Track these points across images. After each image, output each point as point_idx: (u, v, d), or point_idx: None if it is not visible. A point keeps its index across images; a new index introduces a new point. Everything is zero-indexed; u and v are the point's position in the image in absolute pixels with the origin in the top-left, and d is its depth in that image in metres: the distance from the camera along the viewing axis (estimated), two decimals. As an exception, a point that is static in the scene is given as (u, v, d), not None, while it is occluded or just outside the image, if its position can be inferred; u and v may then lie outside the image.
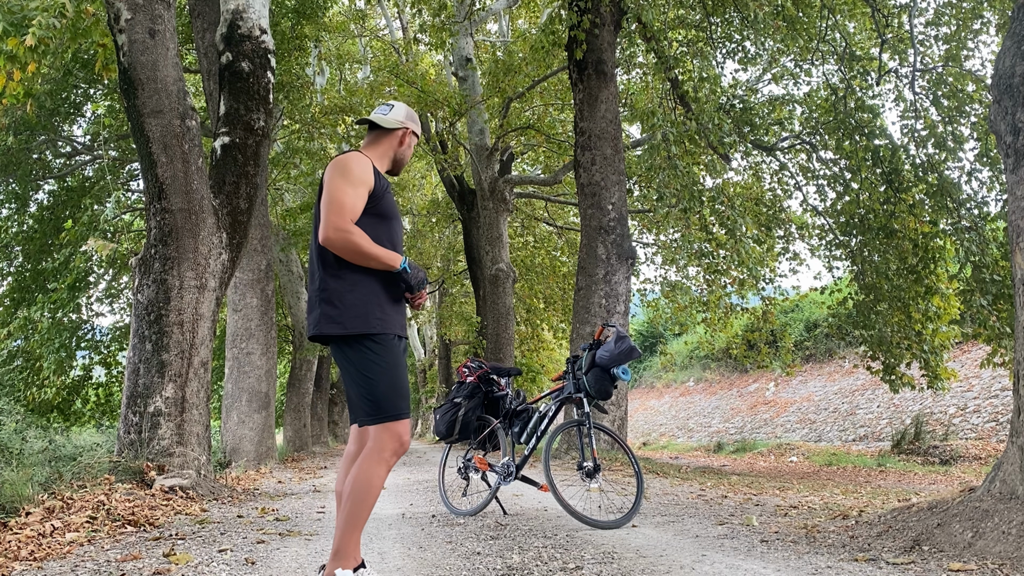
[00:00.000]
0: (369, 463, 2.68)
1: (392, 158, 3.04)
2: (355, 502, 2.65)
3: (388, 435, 2.71)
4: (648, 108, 10.79)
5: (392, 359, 2.78)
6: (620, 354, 4.65)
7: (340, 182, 2.82)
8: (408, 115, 3.06)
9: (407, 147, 3.04)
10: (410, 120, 3.05)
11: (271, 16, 10.42)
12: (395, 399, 2.75)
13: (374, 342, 2.76)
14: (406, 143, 3.04)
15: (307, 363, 16.91)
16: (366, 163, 2.87)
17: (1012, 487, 3.51)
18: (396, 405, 2.74)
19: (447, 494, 5.32)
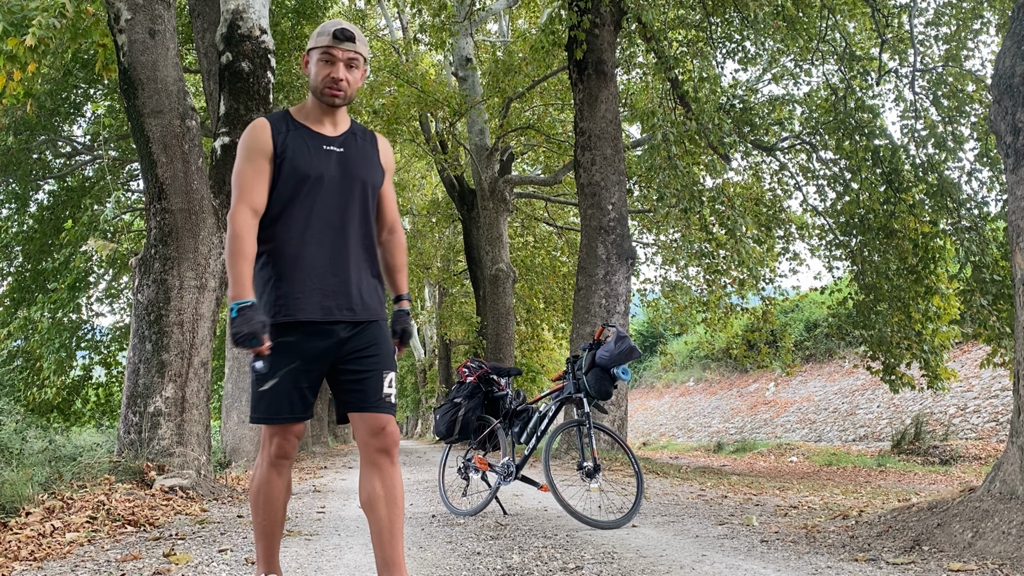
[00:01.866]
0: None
1: (312, 90, 2.45)
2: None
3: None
4: (648, 108, 10.79)
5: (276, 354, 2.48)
6: (620, 354, 4.65)
7: (236, 161, 2.43)
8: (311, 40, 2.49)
9: (310, 68, 2.44)
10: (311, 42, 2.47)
11: (271, 16, 10.42)
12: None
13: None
14: (307, 68, 2.47)
15: (307, 363, 16.90)
16: (253, 128, 2.42)
17: (1012, 487, 3.51)
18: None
19: (447, 494, 5.32)
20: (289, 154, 2.39)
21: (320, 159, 2.41)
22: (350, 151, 2.46)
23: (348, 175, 2.43)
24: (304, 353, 2.35)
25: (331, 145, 2.44)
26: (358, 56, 2.42)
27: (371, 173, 2.48)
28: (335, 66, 2.40)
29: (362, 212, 2.44)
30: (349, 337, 2.39)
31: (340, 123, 2.50)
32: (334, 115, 2.48)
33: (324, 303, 2.36)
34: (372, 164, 2.49)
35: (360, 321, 2.40)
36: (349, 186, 2.42)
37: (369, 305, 2.43)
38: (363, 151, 2.50)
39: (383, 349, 2.43)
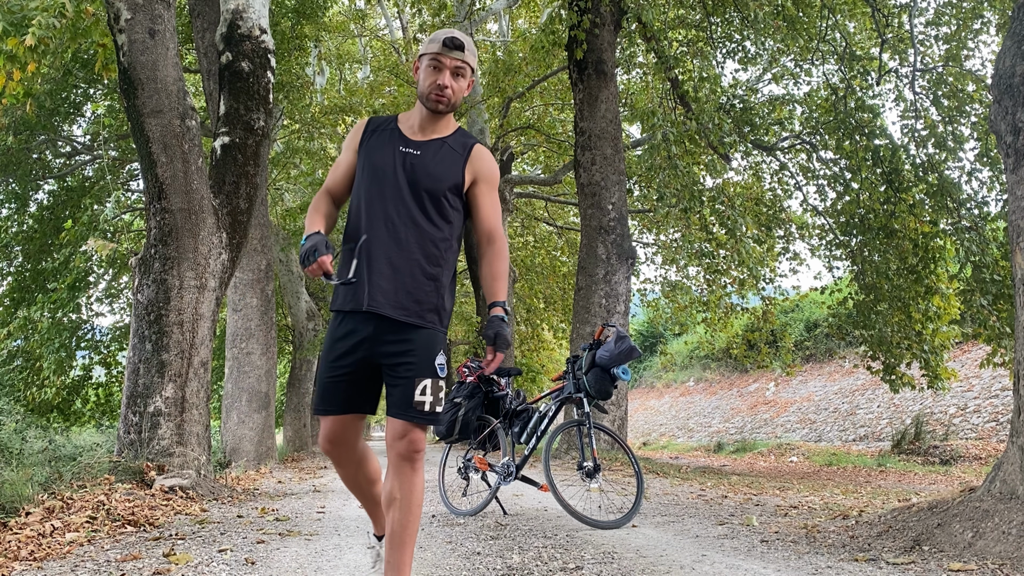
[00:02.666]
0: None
1: (419, 95, 2.53)
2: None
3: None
4: (648, 108, 10.79)
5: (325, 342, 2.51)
6: (620, 354, 4.65)
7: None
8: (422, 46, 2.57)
9: (419, 74, 2.51)
10: (422, 48, 2.55)
11: (271, 16, 10.41)
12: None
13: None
14: (417, 73, 2.54)
15: (307, 363, 16.91)
16: (355, 127, 2.62)
17: (1012, 487, 3.51)
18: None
19: (447, 494, 5.32)
20: (365, 150, 2.52)
21: (390, 158, 2.47)
22: (426, 156, 2.48)
23: (413, 179, 2.45)
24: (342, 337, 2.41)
25: (409, 147, 2.49)
26: (465, 65, 2.47)
27: (440, 178, 2.46)
28: (442, 73, 2.45)
29: (426, 214, 2.44)
30: (387, 336, 2.38)
31: (438, 130, 2.54)
32: (434, 122, 2.52)
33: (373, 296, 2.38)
34: (445, 172, 2.47)
35: (399, 322, 2.39)
36: (411, 189, 2.45)
37: (413, 309, 2.40)
38: (443, 158, 2.50)
39: (420, 356, 2.38)
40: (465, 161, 2.52)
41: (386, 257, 2.40)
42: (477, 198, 2.54)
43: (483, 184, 2.54)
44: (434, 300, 2.45)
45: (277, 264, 15.52)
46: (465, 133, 2.59)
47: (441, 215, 2.47)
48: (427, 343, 2.40)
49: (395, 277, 2.39)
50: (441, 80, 2.44)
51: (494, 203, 2.57)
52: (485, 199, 2.54)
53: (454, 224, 2.50)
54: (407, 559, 2.34)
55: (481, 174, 2.53)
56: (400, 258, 2.40)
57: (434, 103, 2.46)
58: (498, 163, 16.03)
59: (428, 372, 2.37)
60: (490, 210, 2.54)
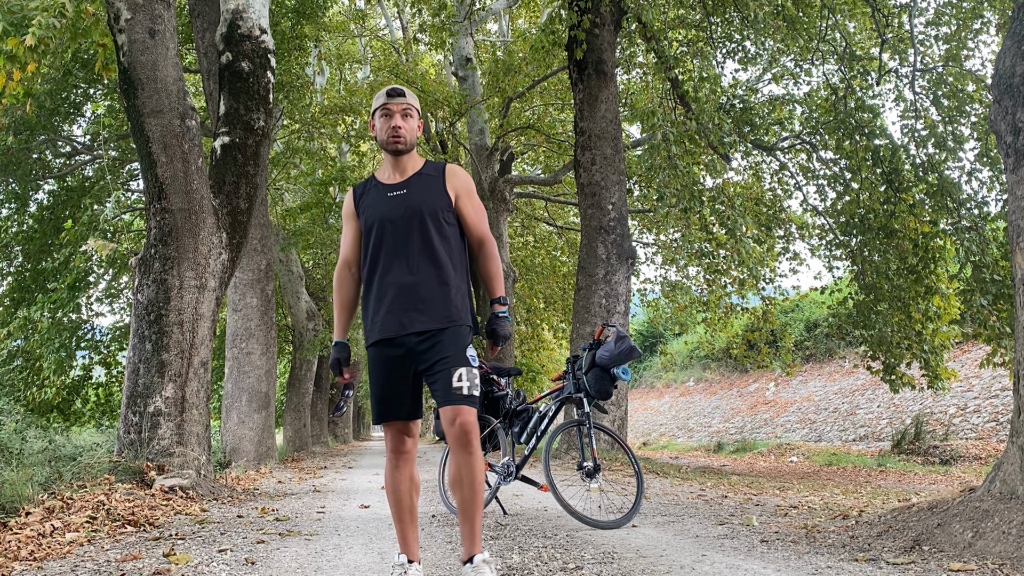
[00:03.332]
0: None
1: (381, 145, 2.93)
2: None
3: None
4: (648, 108, 10.79)
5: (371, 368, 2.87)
6: (620, 354, 4.65)
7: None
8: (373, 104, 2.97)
9: (376, 128, 2.93)
10: (372, 107, 2.96)
11: (271, 16, 10.41)
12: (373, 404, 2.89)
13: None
14: (373, 130, 2.96)
15: (307, 363, 16.91)
16: (346, 199, 3.02)
17: (1012, 487, 3.51)
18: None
19: (447, 494, 5.31)
20: (363, 209, 2.93)
21: (385, 206, 2.87)
22: (413, 190, 2.88)
23: (411, 210, 2.83)
24: (385, 362, 2.80)
25: (396, 191, 2.89)
26: (410, 107, 2.90)
27: (432, 203, 2.85)
28: (393, 117, 2.87)
29: (428, 237, 2.82)
30: (421, 344, 2.76)
31: (409, 169, 2.93)
32: (403, 163, 2.93)
33: (399, 320, 2.77)
34: (435, 194, 2.87)
35: (429, 330, 2.76)
36: (413, 219, 2.83)
37: (437, 315, 2.78)
38: (427, 186, 2.90)
39: (451, 349, 2.74)
40: (444, 181, 2.91)
41: (401, 285, 2.80)
42: (461, 210, 2.93)
43: (463, 196, 2.93)
44: (452, 302, 2.80)
45: (277, 264, 15.52)
46: (433, 162, 2.99)
47: (441, 233, 2.84)
48: (455, 338, 2.77)
49: (414, 298, 2.78)
50: (394, 122, 2.86)
51: (476, 209, 2.95)
52: (468, 208, 2.93)
53: (453, 236, 2.88)
54: (478, 528, 2.72)
55: (459, 188, 2.93)
56: (414, 280, 2.79)
57: (393, 144, 2.88)
58: (498, 163, 16.08)
59: (462, 362, 2.73)
60: (474, 217, 2.94)
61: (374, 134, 2.95)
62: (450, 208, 2.89)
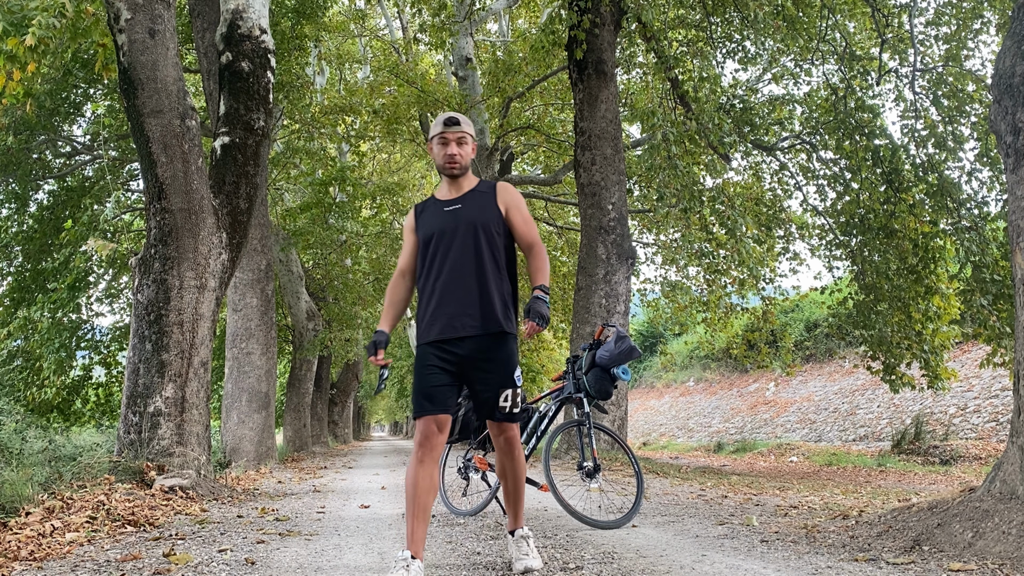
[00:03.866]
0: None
1: (438, 169, 3.29)
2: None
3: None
4: (648, 108, 10.79)
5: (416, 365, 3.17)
6: (620, 354, 4.65)
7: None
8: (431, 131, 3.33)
9: (433, 153, 3.27)
10: (430, 133, 3.31)
11: (271, 16, 10.42)
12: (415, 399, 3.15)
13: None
14: (432, 154, 3.29)
15: (307, 363, 16.91)
16: (408, 215, 3.39)
17: (1012, 487, 3.51)
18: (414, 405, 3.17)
19: (447, 494, 5.32)
20: (421, 223, 3.27)
21: (441, 219, 3.20)
22: (467, 206, 3.21)
23: (466, 224, 3.16)
24: (433, 361, 3.07)
25: (451, 206, 3.22)
26: (465, 135, 3.23)
27: (485, 217, 3.18)
28: (449, 145, 3.21)
29: (479, 247, 3.14)
30: (470, 350, 3.07)
31: (464, 187, 3.28)
32: (458, 183, 3.27)
33: (450, 324, 3.08)
34: (487, 209, 3.21)
35: (481, 334, 3.07)
36: (468, 231, 3.15)
37: (485, 321, 3.08)
38: (479, 202, 3.23)
39: (501, 370, 3.09)
40: (495, 197, 3.26)
41: (453, 292, 3.10)
42: (512, 221, 3.25)
43: (513, 209, 3.26)
44: (499, 310, 3.11)
45: (277, 264, 15.52)
46: (486, 180, 3.33)
47: (491, 244, 3.17)
48: (506, 357, 3.11)
49: (471, 304, 3.09)
50: (450, 150, 3.20)
51: (525, 220, 3.27)
52: (518, 219, 3.26)
53: (502, 248, 3.21)
54: (521, 509, 3.31)
55: (509, 202, 3.26)
56: (465, 287, 3.10)
57: (449, 169, 3.22)
58: (498, 163, 16.09)
59: (509, 384, 3.10)
60: (524, 227, 3.25)
61: (432, 157, 3.27)
62: (500, 221, 3.21)
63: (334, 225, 15.03)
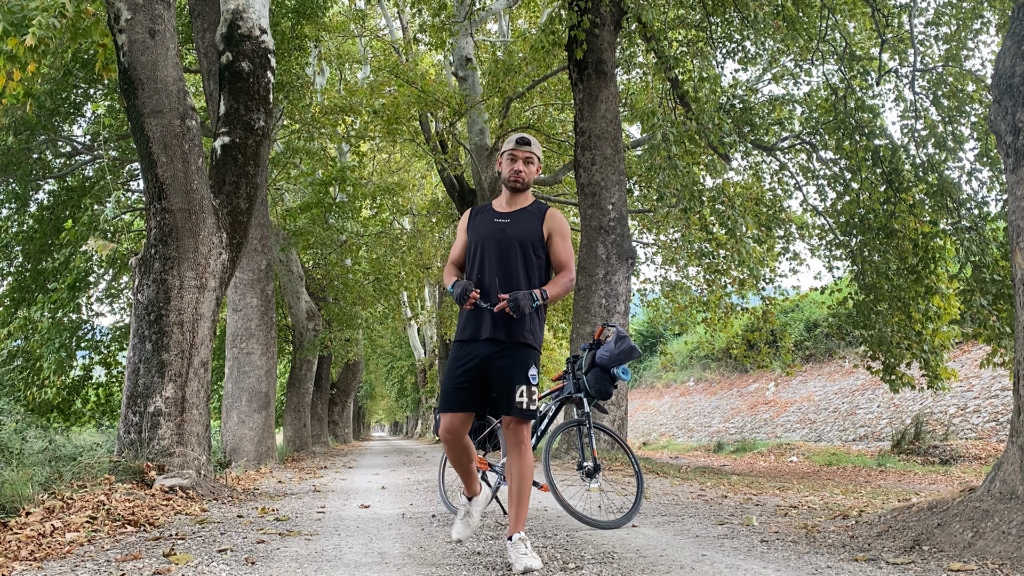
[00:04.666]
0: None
1: (503, 180, 3.60)
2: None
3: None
4: (648, 108, 10.79)
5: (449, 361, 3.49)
6: (620, 354, 4.65)
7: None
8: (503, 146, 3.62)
9: (502, 166, 3.57)
10: (503, 148, 3.62)
11: (271, 16, 10.41)
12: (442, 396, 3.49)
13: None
14: (500, 166, 3.60)
15: (307, 363, 16.90)
16: (464, 216, 3.70)
17: (1012, 487, 3.51)
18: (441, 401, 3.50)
19: (447, 494, 5.32)
20: (472, 228, 3.58)
21: (490, 228, 3.51)
22: (515, 222, 3.51)
23: (509, 237, 3.47)
24: (462, 358, 3.40)
25: (501, 218, 3.53)
26: (532, 155, 3.53)
27: (527, 236, 3.47)
28: (517, 162, 3.52)
29: (516, 262, 3.43)
30: (493, 353, 3.35)
31: (519, 203, 3.57)
32: (516, 198, 3.57)
33: (479, 326, 3.38)
34: (531, 230, 3.49)
35: (503, 341, 3.34)
36: (509, 245, 3.45)
37: (509, 330, 3.35)
38: (527, 221, 3.52)
39: (518, 368, 3.33)
40: (542, 221, 3.53)
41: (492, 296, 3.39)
42: (552, 245, 3.54)
43: (556, 235, 3.53)
44: (524, 323, 3.37)
45: (277, 264, 15.51)
46: (540, 203, 3.61)
47: (527, 261, 3.44)
48: (522, 359, 3.35)
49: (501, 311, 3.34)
50: (517, 167, 3.50)
51: (566, 249, 3.54)
52: (559, 246, 3.54)
53: (538, 267, 3.48)
54: (523, 513, 3.36)
55: (554, 229, 3.53)
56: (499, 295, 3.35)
57: (513, 183, 3.52)
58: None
59: (524, 381, 3.32)
60: (562, 254, 3.53)
61: (499, 169, 3.59)
62: (541, 243, 3.49)
63: (334, 225, 15.03)
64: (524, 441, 3.36)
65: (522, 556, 3.25)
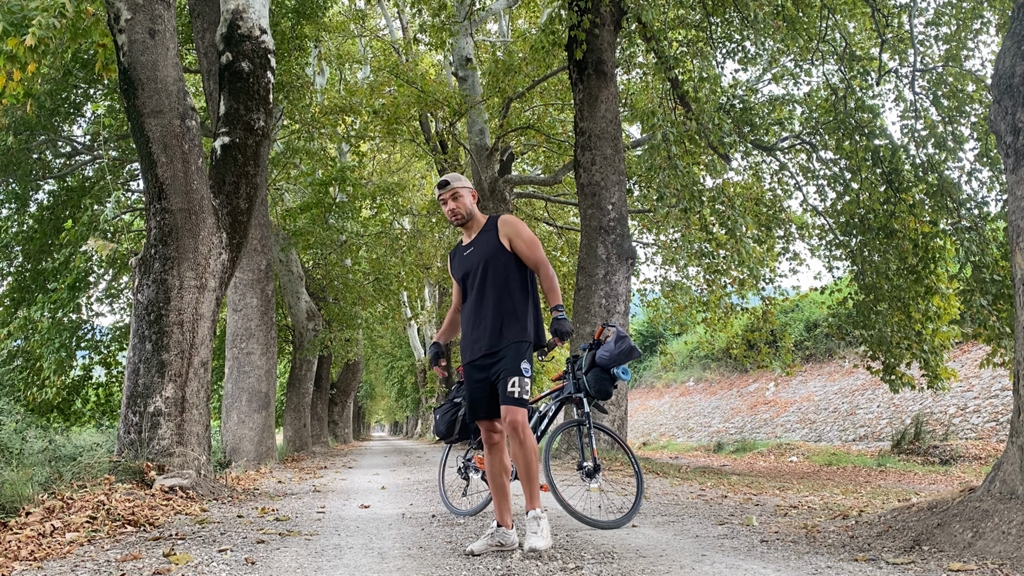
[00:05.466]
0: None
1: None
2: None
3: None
4: (648, 108, 10.79)
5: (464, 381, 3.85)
6: (620, 354, 4.65)
7: None
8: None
9: (444, 209, 3.86)
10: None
11: (271, 16, 10.41)
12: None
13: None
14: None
15: (307, 363, 16.90)
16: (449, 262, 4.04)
17: (1012, 487, 3.51)
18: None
19: (447, 494, 5.32)
20: (454, 267, 3.93)
21: (463, 263, 3.85)
22: (478, 247, 3.80)
23: (479, 261, 3.76)
24: (471, 379, 3.75)
25: (467, 250, 3.84)
26: (456, 190, 3.81)
27: (490, 252, 3.75)
28: (446, 203, 3.82)
29: (492, 279, 3.71)
30: (489, 362, 3.68)
31: (475, 230, 3.87)
32: (470, 228, 3.88)
33: (471, 347, 3.74)
34: (492, 246, 3.76)
35: (495, 351, 3.66)
36: (481, 268, 3.74)
37: (502, 338, 3.66)
38: (486, 241, 3.79)
39: (509, 363, 3.60)
40: (497, 233, 3.78)
41: (476, 319, 3.73)
42: (516, 249, 3.76)
43: (513, 237, 3.75)
44: (510, 327, 3.67)
45: (277, 264, 15.51)
46: (492, 217, 3.85)
47: (498, 275, 3.71)
48: (514, 353, 3.62)
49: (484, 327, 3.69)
50: (447, 208, 3.82)
51: (527, 243, 3.74)
52: (520, 245, 3.75)
53: (513, 275, 3.72)
54: (535, 490, 3.61)
55: (510, 233, 3.76)
56: (484, 314, 3.70)
57: (454, 222, 3.85)
58: (498, 163, 16.08)
59: (516, 372, 3.59)
60: (526, 251, 3.74)
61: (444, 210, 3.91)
62: (506, 252, 3.73)
63: (334, 225, 15.02)
64: (519, 425, 3.53)
65: (532, 535, 3.45)
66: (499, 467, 3.75)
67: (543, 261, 3.77)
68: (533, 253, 3.75)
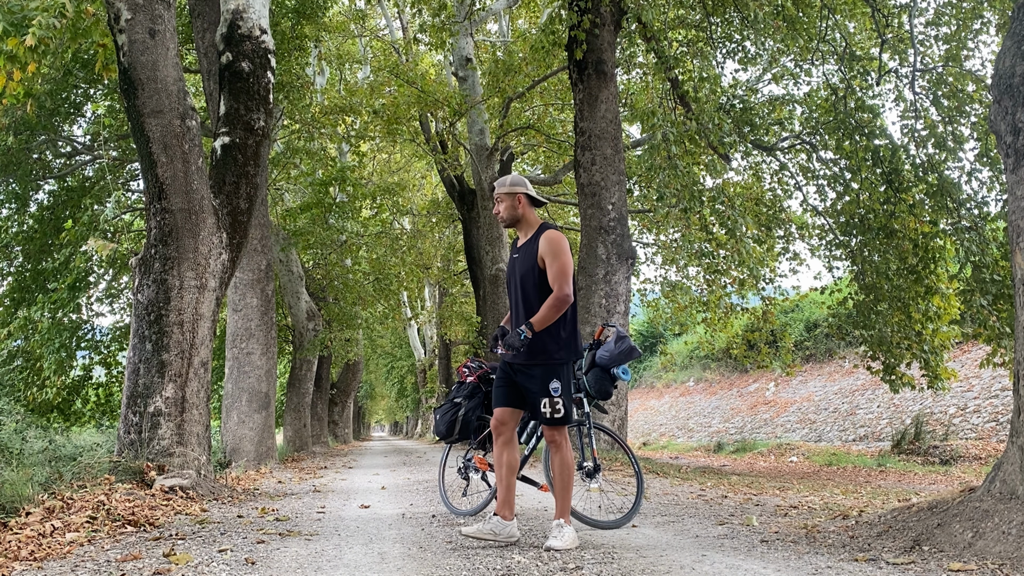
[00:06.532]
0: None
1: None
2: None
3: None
4: (648, 108, 10.78)
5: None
6: (620, 354, 4.65)
7: None
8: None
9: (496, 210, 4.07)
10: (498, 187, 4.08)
11: (271, 16, 10.40)
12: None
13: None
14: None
15: (307, 363, 16.90)
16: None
17: (1012, 487, 3.51)
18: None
19: (447, 494, 5.31)
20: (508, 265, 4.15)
21: (510, 264, 4.08)
22: (522, 256, 3.99)
23: (518, 273, 3.97)
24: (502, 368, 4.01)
25: (515, 253, 4.06)
26: (500, 195, 4.03)
27: (525, 267, 3.94)
28: (496, 207, 4.06)
29: (525, 292, 3.92)
30: (519, 371, 3.93)
31: (527, 233, 4.03)
32: (523, 230, 4.06)
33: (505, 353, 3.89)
34: (528, 259, 3.93)
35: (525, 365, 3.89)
36: (519, 283, 3.96)
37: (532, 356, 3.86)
38: (528, 252, 3.95)
39: (538, 385, 3.84)
40: (537, 249, 3.91)
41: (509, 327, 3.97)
42: (546, 268, 3.90)
43: (547, 258, 3.88)
44: (542, 345, 3.84)
45: (277, 264, 15.51)
46: (544, 226, 3.98)
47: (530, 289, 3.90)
48: (542, 375, 3.85)
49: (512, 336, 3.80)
50: (495, 211, 4.06)
51: (556, 270, 3.84)
52: (549, 269, 3.88)
53: (546, 295, 3.85)
54: (566, 501, 3.85)
55: (545, 253, 3.89)
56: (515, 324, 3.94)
57: (502, 225, 4.12)
58: (498, 163, 16.09)
59: (545, 394, 3.82)
60: (551, 277, 3.86)
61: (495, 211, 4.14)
62: (540, 272, 3.88)
63: (334, 225, 15.02)
64: (556, 441, 3.87)
65: (552, 538, 3.75)
66: (503, 459, 3.93)
67: (563, 290, 3.84)
68: (555, 279, 3.85)
